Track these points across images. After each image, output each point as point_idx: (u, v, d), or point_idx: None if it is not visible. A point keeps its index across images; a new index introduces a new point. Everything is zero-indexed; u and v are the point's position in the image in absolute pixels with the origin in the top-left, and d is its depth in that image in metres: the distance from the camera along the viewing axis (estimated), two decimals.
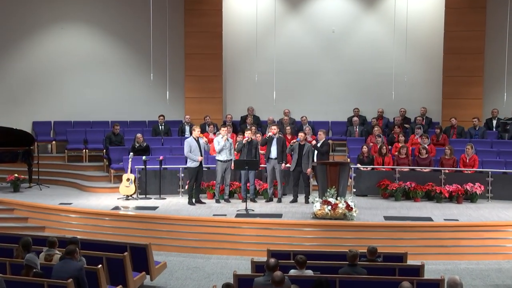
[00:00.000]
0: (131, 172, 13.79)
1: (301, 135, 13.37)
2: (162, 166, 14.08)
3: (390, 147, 15.08)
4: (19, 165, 15.16)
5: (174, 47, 17.12)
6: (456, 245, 11.17)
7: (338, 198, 11.83)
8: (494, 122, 16.32)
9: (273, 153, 13.43)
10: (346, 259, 7.93)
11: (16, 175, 14.73)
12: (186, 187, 13.58)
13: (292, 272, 7.68)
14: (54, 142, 16.92)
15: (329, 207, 11.66)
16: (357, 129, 16.62)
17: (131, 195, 13.79)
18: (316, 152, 13.59)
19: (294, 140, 13.55)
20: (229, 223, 11.77)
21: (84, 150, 16.35)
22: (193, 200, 13.23)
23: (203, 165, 13.52)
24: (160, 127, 16.65)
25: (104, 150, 15.97)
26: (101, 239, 10.21)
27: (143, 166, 13.91)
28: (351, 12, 17.64)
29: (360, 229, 11.44)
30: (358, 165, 14.33)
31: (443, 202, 13.45)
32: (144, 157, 13.98)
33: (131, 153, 14.19)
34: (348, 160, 14.86)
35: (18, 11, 16.95)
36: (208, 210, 12.66)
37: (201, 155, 13.19)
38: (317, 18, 17.68)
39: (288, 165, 13.57)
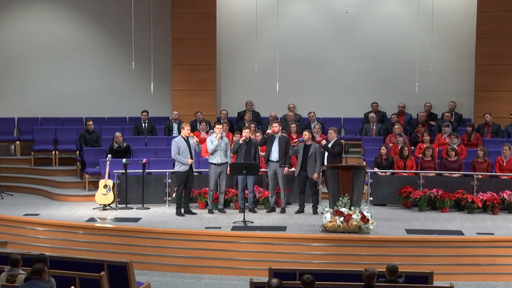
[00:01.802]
0: (109, 178, 13.79)
1: (305, 134, 13.37)
2: (146, 171, 14.09)
3: (413, 148, 15.10)
4: None
5: (160, 31, 17.11)
6: (491, 264, 11.16)
7: (352, 208, 11.83)
8: None
9: (274, 154, 13.44)
10: (361, 279, 7.93)
11: None
12: (174, 195, 13.59)
13: None
14: (18, 142, 16.92)
15: (341, 219, 11.67)
16: (375, 127, 16.63)
17: (109, 205, 13.79)
18: (326, 154, 13.60)
19: (296, 140, 13.54)
20: (224, 237, 11.76)
21: (53, 152, 16.35)
22: (182, 210, 13.24)
23: (194, 169, 13.53)
24: (143, 124, 16.66)
25: (77, 152, 15.98)
26: (74, 256, 10.20)
27: (123, 171, 13.91)
28: None
29: (377, 245, 11.44)
30: (376, 169, 14.34)
31: (476, 212, 13.45)
32: (124, 160, 13.98)
33: (109, 155, 14.20)
34: (364, 163, 14.87)
35: None
36: (200, 222, 12.67)
37: (191, 158, 13.19)
38: None
39: (292, 169, 13.58)
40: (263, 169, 13.84)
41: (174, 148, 13.18)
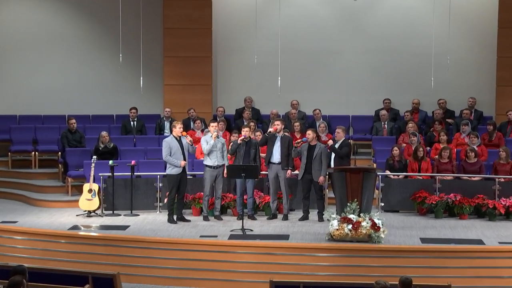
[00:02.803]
0: (94, 181, 13.80)
1: (309, 133, 13.38)
2: (135, 174, 14.09)
3: (428, 148, 15.10)
4: None
5: (150, 20, 17.13)
6: None
7: (361, 214, 11.84)
8: None
9: (276, 156, 13.45)
10: None
11: None
12: (166, 200, 13.60)
13: None
14: None
15: (350, 226, 11.67)
16: (386, 126, 16.64)
17: (94, 211, 13.80)
18: (333, 155, 13.61)
19: (299, 140, 13.54)
20: (220, 247, 11.77)
21: (33, 153, 16.36)
22: (175, 217, 13.24)
23: (187, 172, 13.54)
24: (132, 123, 16.67)
25: (59, 153, 15.98)
26: (56, 268, 10.20)
27: (110, 174, 13.92)
28: None
29: (389, 255, 11.44)
30: (387, 172, 14.35)
31: (498, 220, 13.46)
32: (111, 162, 13.99)
33: (94, 157, 14.20)
34: (374, 165, 14.87)
35: None
36: (194, 230, 12.68)
37: (185, 159, 13.20)
38: None
39: (296, 171, 13.59)
40: (263, 172, 13.84)
41: (165, 148, 13.19)
